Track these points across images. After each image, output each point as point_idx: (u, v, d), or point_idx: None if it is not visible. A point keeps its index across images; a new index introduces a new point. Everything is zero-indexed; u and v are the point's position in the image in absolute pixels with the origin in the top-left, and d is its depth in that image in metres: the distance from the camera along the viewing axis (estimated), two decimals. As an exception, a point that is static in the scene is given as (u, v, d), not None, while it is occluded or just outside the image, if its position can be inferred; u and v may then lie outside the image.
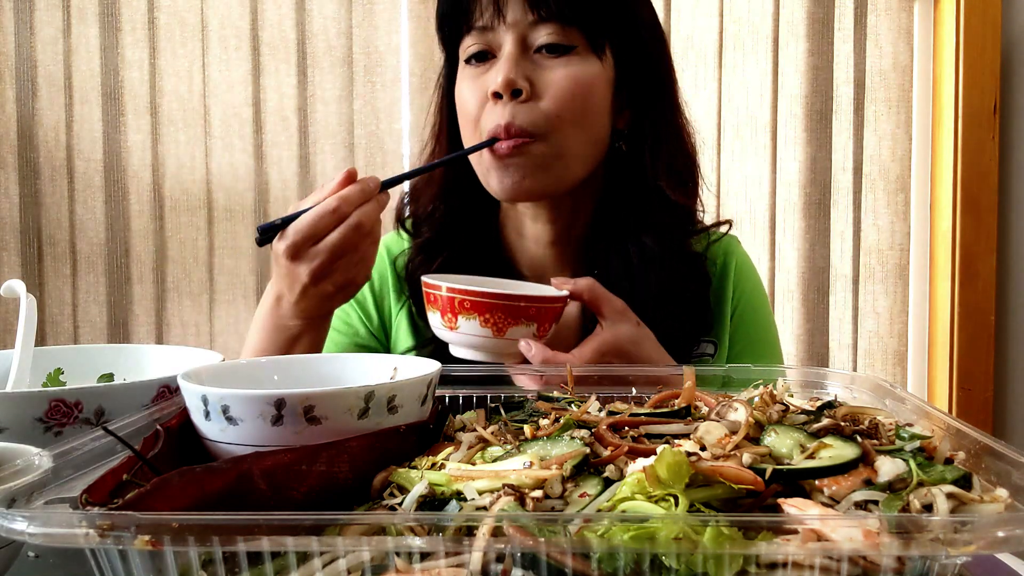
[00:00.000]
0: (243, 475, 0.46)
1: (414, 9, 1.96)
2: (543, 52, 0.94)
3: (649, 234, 1.00)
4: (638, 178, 1.01)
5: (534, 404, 0.67)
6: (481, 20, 0.94)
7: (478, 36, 0.96)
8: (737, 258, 1.11)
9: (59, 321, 1.97)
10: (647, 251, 1.00)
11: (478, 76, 0.96)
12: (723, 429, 0.51)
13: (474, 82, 0.96)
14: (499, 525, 0.39)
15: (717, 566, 0.38)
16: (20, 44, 1.92)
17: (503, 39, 0.94)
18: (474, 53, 0.96)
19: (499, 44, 0.95)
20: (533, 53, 0.94)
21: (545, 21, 0.93)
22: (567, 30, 0.94)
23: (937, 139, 2.03)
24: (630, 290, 0.98)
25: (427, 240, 1.06)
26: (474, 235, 1.06)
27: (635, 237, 1.01)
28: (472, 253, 1.04)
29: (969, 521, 0.37)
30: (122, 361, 0.82)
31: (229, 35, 1.94)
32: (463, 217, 1.06)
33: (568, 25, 0.93)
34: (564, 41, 0.94)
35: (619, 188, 1.03)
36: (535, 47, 0.94)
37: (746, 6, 1.98)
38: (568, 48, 0.94)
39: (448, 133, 1.05)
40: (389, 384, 0.53)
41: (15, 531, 0.39)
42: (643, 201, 1.01)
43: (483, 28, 0.95)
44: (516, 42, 0.93)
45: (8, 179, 1.93)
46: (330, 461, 0.48)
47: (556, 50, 0.94)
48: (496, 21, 0.93)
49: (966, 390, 2.00)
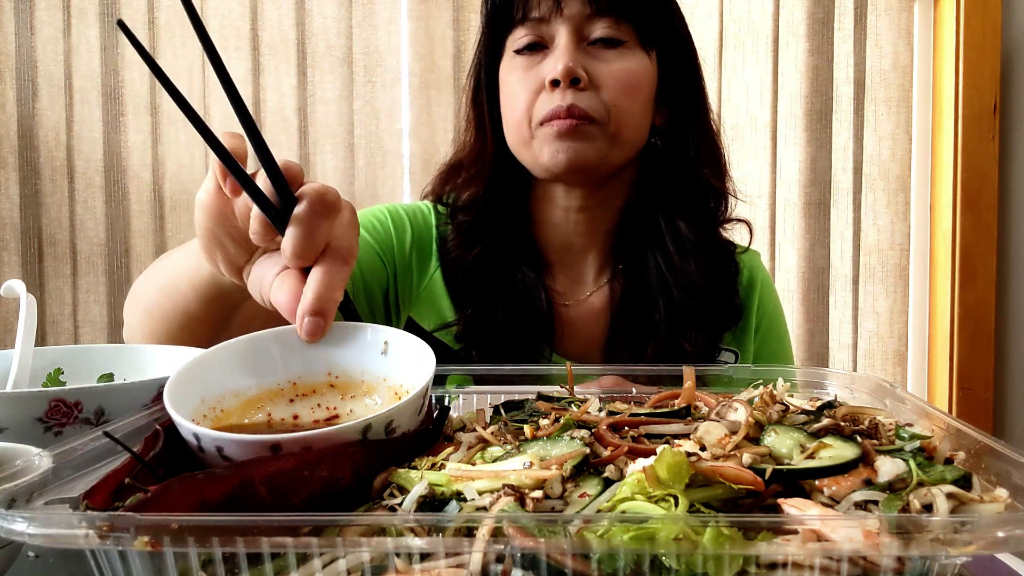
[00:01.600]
0: (244, 482, 0.46)
1: (414, 9, 1.96)
2: (597, 45, 0.98)
3: (685, 223, 1.03)
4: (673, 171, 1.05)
5: (534, 404, 0.67)
6: (537, 11, 0.98)
7: (532, 27, 0.99)
8: (761, 275, 1.14)
9: (59, 321, 1.97)
10: (684, 239, 1.03)
11: (530, 66, 0.99)
12: (723, 429, 0.51)
13: (526, 72, 0.99)
14: (499, 525, 0.39)
15: (717, 566, 0.38)
16: (20, 44, 1.92)
17: (557, 31, 0.97)
18: (527, 44, 0.99)
19: (552, 36, 0.98)
20: (586, 45, 0.98)
21: (601, 15, 0.97)
22: (621, 25, 0.98)
23: (937, 139, 2.03)
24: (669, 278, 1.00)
25: (468, 224, 1.07)
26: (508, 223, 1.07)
27: (672, 227, 1.04)
28: (506, 243, 1.06)
29: (969, 521, 0.37)
30: (122, 361, 0.82)
31: (229, 35, 1.94)
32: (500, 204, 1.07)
33: (621, 20, 0.98)
34: (617, 36, 0.98)
35: (652, 181, 1.06)
36: (589, 40, 0.98)
37: (746, 6, 1.98)
38: (620, 42, 0.98)
39: (490, 122, 1.07)
40: (386, 413, 0.51)
41: (15, 531, 0.39)
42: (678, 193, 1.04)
43: (538, 19, 0.98)
44: (572, 34, 0.97)
45: (8, 179, 1.93)
46: (332, 467, 0.48)
47: (609, 43, 0.98)
48: (553, 13, 0.97)
49: (966, 390, 2.00)
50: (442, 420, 0.60)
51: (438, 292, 1.07)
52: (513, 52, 1.01)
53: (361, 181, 1.98)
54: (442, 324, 1.05)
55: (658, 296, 1.02)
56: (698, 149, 1.05)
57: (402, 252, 1.09)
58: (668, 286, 1.02)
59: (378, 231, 1.09)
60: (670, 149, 1.06)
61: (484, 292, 1.03)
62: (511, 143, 1.03)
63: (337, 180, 1.97)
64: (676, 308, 1.01)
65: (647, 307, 1.02)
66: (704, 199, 1.06)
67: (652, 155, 1.06)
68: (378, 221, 1.10)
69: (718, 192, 1.07)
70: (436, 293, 1.07)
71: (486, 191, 1.07)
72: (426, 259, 1.10)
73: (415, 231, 1.10)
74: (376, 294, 1.06)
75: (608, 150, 0.98)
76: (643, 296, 1.03)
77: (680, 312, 1.01)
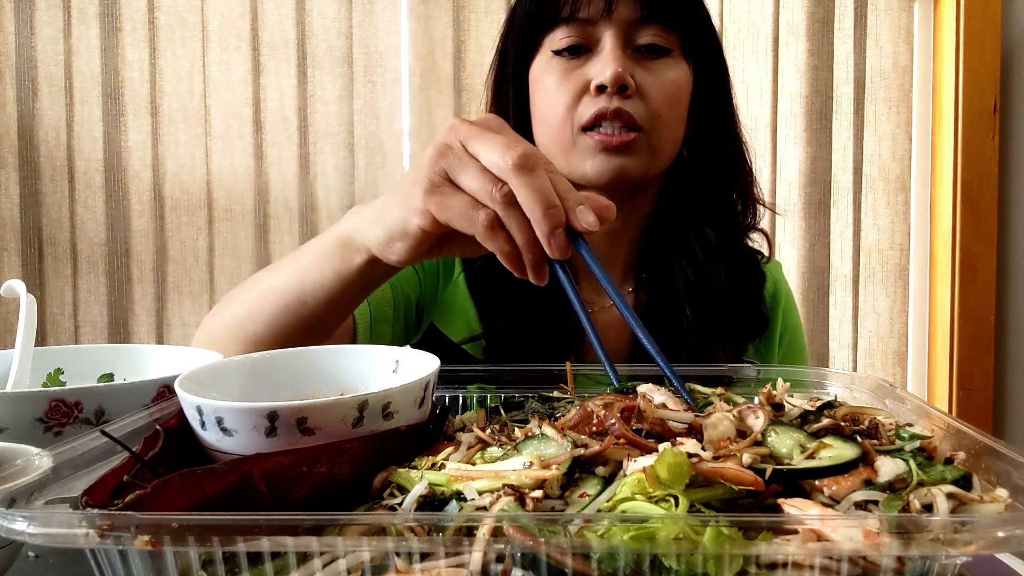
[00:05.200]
0: (243, 477, 0.46)
1: (414, 9, 1.96)
2: (642, 52, 0.95)
3: (714, 231, 1.02)
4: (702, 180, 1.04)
5: (534, 404, 0.67)
6: (585, 12, 0.94)
7: (575, 29, 0.95)
8: (785, 287, 1.14)
9: (59, 321, 1.97)
10: (712, 247, 1.02)
11: (572, 69, 0.96)
12: (732, 428, 0.51)
13: (568, 75, 0.96)
14: (499, 525, 0.39)
15: (717, 566, 0.38)
16: (20, 44, 1.92)
17: (603, 34, 0.94)
18: (568, 46, 0.96)
19: (597, 39, 0.95)
20: (632, 52, 0.95)
21: (650, 22, 0.94)
22: (668, 33, 0.95)
23: (937, 139, 2.03)
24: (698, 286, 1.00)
25: None
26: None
27: (700, 235, 1.03)
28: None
29: (969, 521, 0.37)
30: (122, 361, 0.82)
31: (229, 35, 1.94)
32: None
33: (670, 28, 0.95)
34: (664, 44, 0.95)
35: (679, 190, 1.05)
36: (635, 46, 0.95)
37: (746, 6, 1.98)
38: (667, 51, 0.96)
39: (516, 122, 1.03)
40: (383, 392, 0.52)
41: (15, 531, 0.39)
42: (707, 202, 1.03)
43: (584, 21, 0.95)
44: (619, 38, 0.94)
45: (8, 179, 1.93)
46: (330, 463, 0.48)
47: (656, 51, 0.96)
48: (601, 15, 0.94)
49: (966, 390, 2.00)
50: (442, 420, 0.60)
51: (461, 297, 1.05)
52: (551, 52, 0.97)
53: (361, 181, 1.98)
54: (470, 337, 1.02)
55: (685, 304, 1.01)
56: (727, 158, 1.04)
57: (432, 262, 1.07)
58: (697, 294, 1.01)
59: None
60: (699, 158, 1.04)
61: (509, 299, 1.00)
62: (545, 146, 1.00)
63: (337, 180, 1.98)
64: (705, 316, 0.99)
65: (674, 315, 1.00)
66: (732, 207, 1.05)
67: (679, 164, 1.04)
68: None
69: (746, 200, 1.06)
70: (459, 298, 1.05)
71: None
72: (451, 264, 1.08)
73: None
74: (412, 300, 1.05)
75: (650, 162, 0.97)
76: (670, 304, 1.01)
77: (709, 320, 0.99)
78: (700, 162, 1.05)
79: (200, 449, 0.54)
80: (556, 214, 0.61)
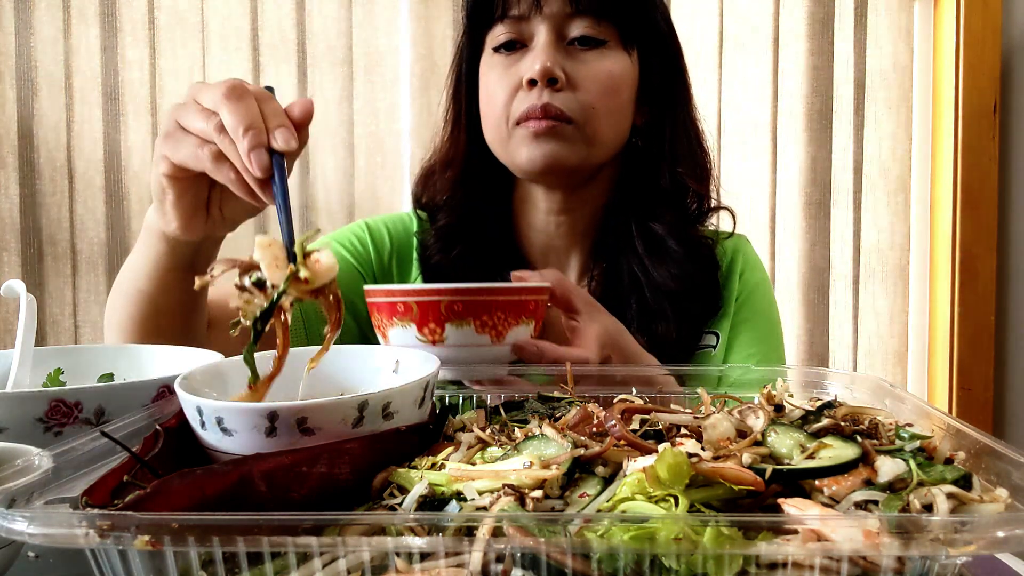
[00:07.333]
0: (243, 477, 0.46)
1: (414, 9, 1.96)
2: (575, 44, 0.97)
3: (660, 224, 1.02)
4: (653, 172, 1.04)
5: (534, 404, 0.67)
6: (516, 9, 0.96)
7: (511, 25, 0.97)
8: (745, 255, 1.13)
9: (59, 321, 1.97)
10: (657, 241, 1.02)
11: (509, 65, 0.98)
12: (731, 428, 0.51)
13: (505, 71, 0.98)
14: (499, 525, 0.39)
15: (717, 566, 0.38)
16: (20, 44, 1.92)
17: (536, 29, 0.96)
18: (504, 42, 0.98)
19: (531, 34, 0.97)
20: (566, 45, 0.97)
21: (581, 14, 0.96)
22: (601, 24, 0.97)
23: (937, 139, 2.03)
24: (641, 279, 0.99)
25: (446, 227, 1.06)
26: (489, 225, 1.07)
27: (646, 227, 1.03)
28: (486, 243, 1.05)
29: (969, 521, 0.37)
30: (122, 361, 0.82)
31: (229, 35, 1.93)
32: (479, 205, 1.06)
33: (602, 20, 0.96)
34: (597, 35, 0.97)
35: (631, 181, 1.05)
36: (568, 39, 0.97)
37: (746, 6, 1.98)
38: (600, 42, 0.97)
39: (467, 119, 1.06)
40: (383, 392, 0.52)
41: (15, 531, 0.39)
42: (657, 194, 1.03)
43: (517, 17, 0.97)
44: (551, 33, 0.96)
45: (8, 179, 1.93)
46: (330, 463, 0.48)
47: (589, 43, 0.97)
48: (532, 11, 0.96)
49: (966, 390, 2.00)
50: (443, 420, 0.60)
51: None
52: (492, 50, 1.00)
53: (361, 181, 1.98)
54: None
55: (630, 297, 1.01)
56: (675, 148, 1.04)
57: (380, 262, 1.09)
58: (640, 288, 1.01)
59: (355, 247, 1.10)
60: (649, 148, 1.05)
61: None
62: (490, 142, 1.02)
63: (337, 180, 1.98)
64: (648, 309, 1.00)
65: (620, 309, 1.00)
66: (680, 199, 1.05)
67: (633, 155, 1.05)
68: (356, 237, 1.11)
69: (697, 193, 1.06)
70: None
71: (464, 191, 1.06)
72: (407, 267, 1.10)
73: (394, 241, 1.11)
74: (361, 309, 1.06)
75: (586, 151, 0.97)
76: (618, 298, 1.01)
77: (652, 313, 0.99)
78: (649, 151, 1.05)
79: (200, 449, 0.54)
80: (255, 135, 0.64)
